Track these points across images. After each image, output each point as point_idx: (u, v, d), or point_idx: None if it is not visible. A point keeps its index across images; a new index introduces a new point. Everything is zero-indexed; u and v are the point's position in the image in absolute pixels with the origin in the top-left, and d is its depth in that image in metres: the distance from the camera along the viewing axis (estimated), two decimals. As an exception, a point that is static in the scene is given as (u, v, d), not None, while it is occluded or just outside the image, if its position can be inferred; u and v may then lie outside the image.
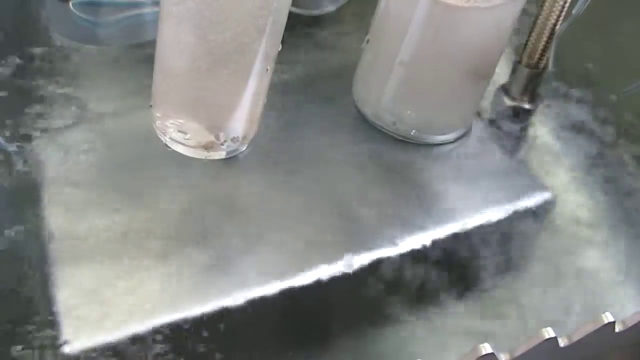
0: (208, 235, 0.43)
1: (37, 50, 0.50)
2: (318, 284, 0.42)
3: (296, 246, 0.43)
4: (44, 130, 0.46)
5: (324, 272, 0.42)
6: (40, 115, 0.46)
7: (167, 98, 0.44)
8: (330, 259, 0.43)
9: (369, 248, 0.44)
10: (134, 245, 0.41)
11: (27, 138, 0.45)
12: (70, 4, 0.52)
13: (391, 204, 0.47)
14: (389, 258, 0.44)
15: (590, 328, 0.33)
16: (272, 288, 0.41)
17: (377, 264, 0.43)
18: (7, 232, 0.40)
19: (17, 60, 0.49)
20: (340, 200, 0.46)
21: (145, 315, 0.38)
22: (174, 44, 0.41)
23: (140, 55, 0.51)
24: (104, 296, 0.39)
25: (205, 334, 0.38)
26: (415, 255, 0.44)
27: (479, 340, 0.32)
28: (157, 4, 0.52)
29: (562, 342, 0.33)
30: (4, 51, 0.50)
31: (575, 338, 0.33)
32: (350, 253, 0.43)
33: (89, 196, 0.43)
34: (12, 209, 0.42)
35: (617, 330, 0.34)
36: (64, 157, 0.44)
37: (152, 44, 0.43)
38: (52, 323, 0.37)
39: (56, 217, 0.41)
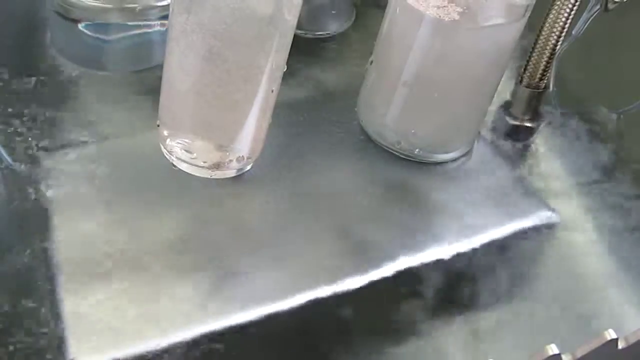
0: (213, 255, 0.43)
1: (45, 72, 0.51)
2: (320, 303, 0.42)
3: (300, 265, 0.43)
4: (52, 150, 0.46)
5: (327, 291, 0.42)
6: (48, 136, 0.47)
7: (173, 118, 0.45)
8: (333, 278, 0.43)
9: (371, 267, 0.44)
10: (140, 265, 0.41)
11: (35, 158, 0.45)
12: (80, 25, 0.53)
13: (394, 222, 0.47)
14: (391, 276, 0.44)
15: (593, 345, 0.33)
16: (275, 307, 0.41)
17: (379, 283, 0.43)
18: (15, 252, 0.41)
19: (25, 83, 0.50)
20: (344, 218, 0.47)
21: (151, 334, 0.39)
22: (181, 66, 0.42)
23: (147, 76, 0.52)
24: (110, 315, 0.39)
25: (213, 352, 0.39)
26: (418, 274, 0.44)
27: None
28: (164, 24, 0.52)
29: (566, 359, 0.33)
30: (10, 73, 0.50)
31: (579, 355, 0.33)
32: (352, 272, 0.43)
33: (96, 216, 0.43)
34: (19, 229, 0.42)
35: (619, 346, 0.34)
36: (71, 177, 0.45)
37: (160, 67, 0.44)
38: (60, 342, 0.37)
39: (63, 237, 0.42)
